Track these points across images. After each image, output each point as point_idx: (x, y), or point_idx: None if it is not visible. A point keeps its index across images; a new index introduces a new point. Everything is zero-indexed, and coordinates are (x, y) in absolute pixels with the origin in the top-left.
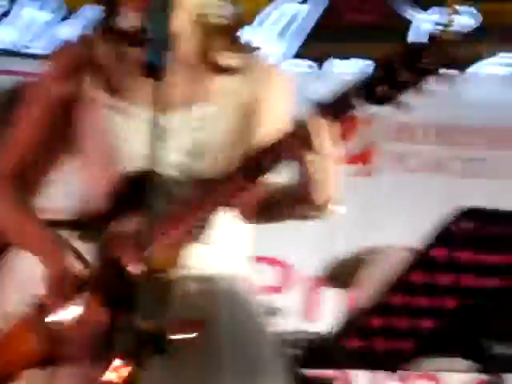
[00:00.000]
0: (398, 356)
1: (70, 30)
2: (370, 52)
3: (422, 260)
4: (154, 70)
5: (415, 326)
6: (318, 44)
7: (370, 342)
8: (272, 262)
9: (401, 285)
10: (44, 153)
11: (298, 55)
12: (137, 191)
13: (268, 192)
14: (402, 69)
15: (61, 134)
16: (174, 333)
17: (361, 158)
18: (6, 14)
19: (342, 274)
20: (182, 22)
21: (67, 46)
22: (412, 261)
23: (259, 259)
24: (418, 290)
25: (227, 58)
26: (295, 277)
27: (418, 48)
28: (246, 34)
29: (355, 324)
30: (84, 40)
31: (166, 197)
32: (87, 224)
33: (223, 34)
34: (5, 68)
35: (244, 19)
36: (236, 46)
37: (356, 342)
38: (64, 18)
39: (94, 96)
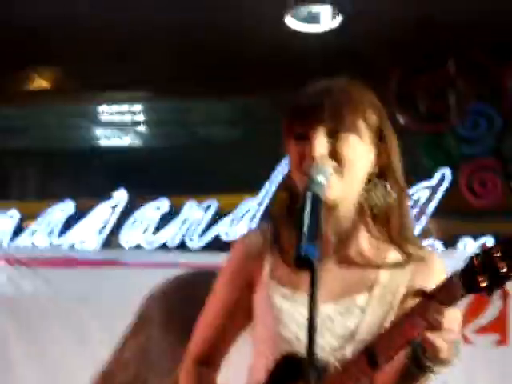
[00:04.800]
0: None
1: (224, 228)
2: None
3: None
4: (305, 263)
5: None
6: (446, 225)
7: None
8: None
9: None
10: (227, 334)
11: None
12: (292, 373)
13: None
14: (502, 260)
15: (242, 314)
16: None
17: (495, 327)
18: (171, 214)
19: None
20: (347, 217)
21: (249, 233)
22: None
23: None
24: None
25: (392, 252)
26: None
27: None
28: None
29: None
30: (261, 230)
31: (318, 378)
32: None
33: (387, 225)
34: (171, 261)
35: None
36: (400, 238)
37: None
38: (218, 217)
39: (267, 281)
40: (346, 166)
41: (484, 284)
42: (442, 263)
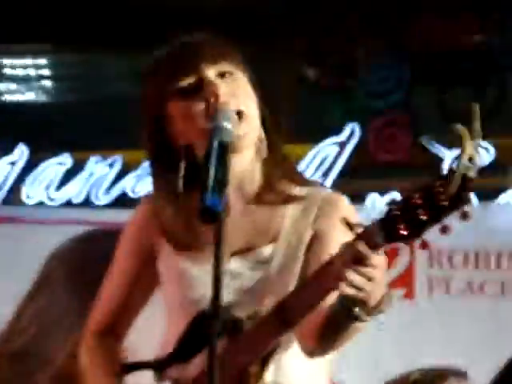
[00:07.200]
0: None
1: (130, 184)
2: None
3: None
4: (209, 215)
5: None
6: (354, 181)
7: None
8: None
9: None
10: (130, 304)
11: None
12: (203, 333)
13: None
14: (422, 207)
15: (146, 283)
16: None
17: (401, 282)
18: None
19: None
20: (244, 162)
21: (143, 203)
22: None
23: None
24: None
25: (291, 190)
26: None
27: (433, 185)
28: None
29: None
30: (150, 197)
31: (230, 336)
32: (162, 365)
33: (283, 168)
34: (75, 219)
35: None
36: (297, 178)
37: None
38: (124, 173)
39: (168, 248)
40: (245, 106)
41: (404, 232)
42: (350, 206)
